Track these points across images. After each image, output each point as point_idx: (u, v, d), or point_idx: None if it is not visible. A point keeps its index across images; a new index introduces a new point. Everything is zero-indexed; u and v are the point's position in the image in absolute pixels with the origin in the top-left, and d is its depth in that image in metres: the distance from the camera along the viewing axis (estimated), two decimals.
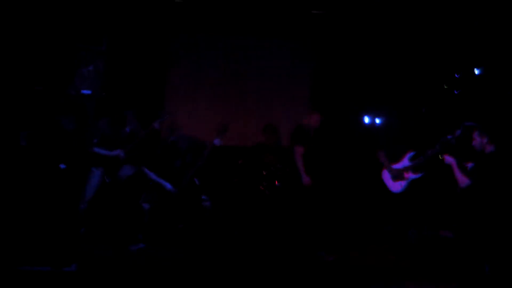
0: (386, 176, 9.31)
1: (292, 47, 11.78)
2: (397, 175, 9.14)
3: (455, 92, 10.60)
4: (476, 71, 10.30)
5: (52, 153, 8.99)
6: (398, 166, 9.17)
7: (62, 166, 8.86)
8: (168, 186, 8.96)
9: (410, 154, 9.07)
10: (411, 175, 9.01)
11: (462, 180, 7.69)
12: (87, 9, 10.45)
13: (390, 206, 9.38)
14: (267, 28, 11.33)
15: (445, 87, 10.65)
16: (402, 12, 10.56)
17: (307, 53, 11.84)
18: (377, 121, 11.36)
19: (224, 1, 10.68)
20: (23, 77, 9.90)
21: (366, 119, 11.49)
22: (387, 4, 10.34)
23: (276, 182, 10.08)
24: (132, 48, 10.98)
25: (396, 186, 9.15)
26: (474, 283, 7.40)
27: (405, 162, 9.10)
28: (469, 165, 7.74)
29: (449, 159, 7.85)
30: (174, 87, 11.34)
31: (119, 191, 9.15)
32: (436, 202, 9.38)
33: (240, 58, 11.63)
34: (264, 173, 10.07)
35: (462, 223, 7.93)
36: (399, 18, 10.74)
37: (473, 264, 7.55)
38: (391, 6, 10.40)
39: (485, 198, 7.51)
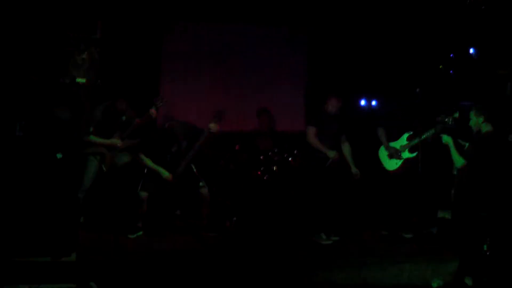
0: (382, 153, 9.35)
1: (288, 32, 11.75)
2: (393, 153, 9.18)
3: (451, 72, 10.59)
4: (471, 51, 10.28)
5: (48, 142, 8.96)
6: (394, 144, 9.23)
7: (58, 155, 8.84)
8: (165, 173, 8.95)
9: (407, 134, 9.10)
10: (407, 154, 9.06)
11: (459, 160, 7.70)
12: None
13: (387, 188, 9.42)
14: (261, 14, 11.28)
15: (440, 67, 10.64)
16: None
17: (302, 38, 11.82)
18: (373, 103, 11.38)
19: None
20: (16, 67, 9.87)
21: (362, 102, 11.50)
22: None
23: (274, 167, 10.08)
24: (126, 36, 10.92)
25: (392, 164, 9.19)
26: (473, 262, 7.41)
27: (402, 141, 9.15)
28: (466, 144, 7.77)
29: (446, 138, 7.87)
30: (169, 74, 11.30)
31: (116, 179, 9.16)
32: (432, 182, 9.37)
33: (235, 45, 11.60)
34: (262, 158, 10.07)
35: (459, 203, 7.94)
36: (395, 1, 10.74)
37: (471, 244, 7.56)
38: None
39: (483, 177, 7.52)
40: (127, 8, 10.83)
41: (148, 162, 8.96)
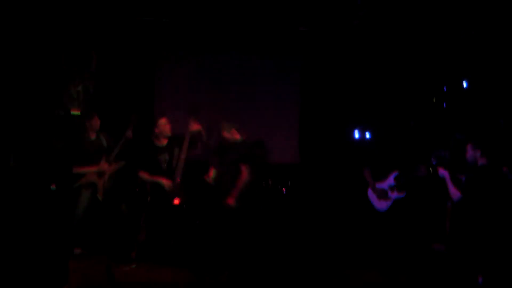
0: (371, 194, 9.31)
1: (281, 63, 11.78)
2: (382, 195, 9.14)
3: (444, 106, 10.64)
4: (465, 84, 10.34)
5: (41, 173, 8.94)
6: (383, 185, 9.18)
7: (52, 187, 8.82)
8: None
9: (395, 174, 9.07)
10: (395, 195, 9.02)
11: (455, 193, 7.68)
12: (76, 30, 10.47)
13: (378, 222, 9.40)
14: (254, 45, 11.36)
15: (434, 100, 10.69)
16: (389, 26, 10.62)
17: (295, 70, 11.85)
18: (367, 135, 11.40)
19: (211, 20, 10.74)
20: (12, 99, 9.88)
21: (357, 134, 11.52)
22: (372, 20, 10.40)
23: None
24: (120, 68, 10.97)
25: (382, 205, 9.15)
26: None
27: (390, 181, 9.11)
28: (462, 178, 7.75)
29: (442, 172, 7.85)
30: (162, 105, 11.32)
31: (112, 207, 9.14)
32: (427, 216, 9.36)
33: (228, 76, 11.63)
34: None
35: (454, 236, 7.94)
36: (386, 32, 10.80)
37: (466, 277, 7.55)
38: (377, 21, 10.47)
39: (478, 211, 7.51)
40: (121, 42, 10.89)
41: (146, 177, 8.91)
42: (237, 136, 9.03)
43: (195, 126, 9.08)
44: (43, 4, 9.98)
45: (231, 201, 8.43)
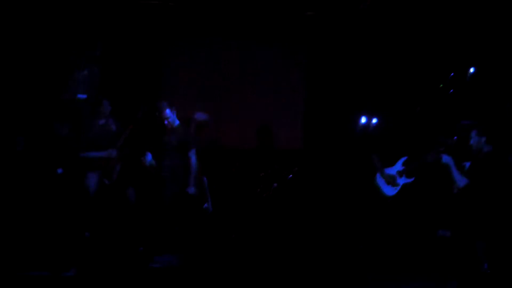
0: (379, 179, 9.30)
1: (287, 49, 11.73)
2: (390, 180, 9.13)
3: (450, 91, 10.60)
4: (471, 70, 10.29)
5: (48, 158, 8.97)
6: (391, 170, 9.17)
7: (59, 171, 8.85)
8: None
9: (403, 159, 9.06)
10: (404, 180, 9.01)
11: (460, 179, 7.66)
12: (81, 14, 10.46)
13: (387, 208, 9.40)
14: (261, 30, 11.32)
15: (440, 86, 10.64)
16: (396, 11, 10.58)
17: (301, 55, 11.80)
18: (374, 121, 11.35)
19: (218, 5, 10.72)
20: (17, 83, 9.90)
21: (363, 119, 11.47)
22: (379, 4, 10.37)
23: (274, 184, 10.08)
24: (127, 52, 10.96)
25: (390, 189, 9.14)
26: (473, 281, 7.41)
27: (398, 166, 9.10)
28: (466, 164, 7.73)
29: (446, 158, 7.82)
30: (169, 90, 11.31)
31: (119, 191, 9.16)
32: (432, 202, 9.35)
33: (234, 61, 11.60)
34: (261, 175, 10.08)
35: (460, 223, 7.93)
36: (393, 17, 10.76)
37: (471, 263, 7.55)
38: (384, 6, 10.43)
39: (483, 197, 7.50)
40: (127, 25, 10.87)
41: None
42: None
43: (200, 116, 9.07)
44: None
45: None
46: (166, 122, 8.58)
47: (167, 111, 8.68)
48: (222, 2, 10.73)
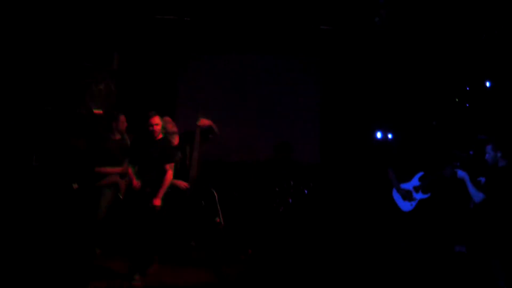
0: (396, 194, 9.25)
1: (302, 63, 11.74)
2: (406, 195, 9.08)
3: (467, 105, 10.56)
4: (487, 84, 10.25)
5: (64, 173, 9.00)
6: (407, 185, 9.12)
7: (74, 185, 8.87)
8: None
9: (419, 174, 9.00)
10: (420, 195, 8.95)
11: (477, 195, 7.58)
12: (98, 29, 10.52)
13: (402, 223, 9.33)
14: (276, 45, 11.35)
15: (457, 100, 10.61)
16: (411, 25, 10.56)
17: (316, 69, 11.80)
18: (390, 136, 11.32)
19: (233, 20, 10.75)
20: (34, 98, 9.95)
21: (379, 134, 11.45)
22: (394, 18, 10.35)
23: (289, 199, 10.07)
24: (142, 67, 11.02)
25: (406, 205, 9.08)
26: None
27: (415, 181, 9.04)
28: (482, 179, 7.67)
29: (461, 173, 7.76)
30: (184, 104, 11.34)
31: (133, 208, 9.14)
32: (449, 217, 9.30)
33: (250, 75, 11.63)
34: (277, 189, 10.06)
35: (476, 238, 7.87)
36: (408, 31, 10.74)
37: (488, 279, 7.49)
38: (399, 20, 10.42)
39: (499, 213, 7.44)
40: (143, 40, 10.93)
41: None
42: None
43: (204, 122, 9.04)
44: (66, 3, 10.05)
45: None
46: (150, 129, 8.44)
47: (155, 119, 8.55)
48: (237, 17, 10.74)
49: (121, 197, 9.12)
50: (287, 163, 10.62)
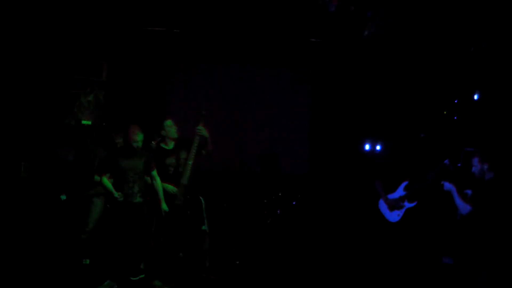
0: (382, 206, 9.27)
1: (291, 74, 11.78)
2: (393, 205, 9.09)
3: (455, 118, 10.60)
4: (475, 96, 10.30)
5: (52, 183, 8.99)
6: (393, 195, 9.14)
7: (62, 197, 8.86)
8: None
9: (404, 184, 9.02)
10: (406, 204, 8.96)
11: (464, 207, 7.60)
12: (87, 39, 10.52)
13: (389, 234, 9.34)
14: (265, 57, 11.38)
15: (444, 113, 10.65)
16: (400, 38, 10.61)
17: (305, 80, 11.83)
18: (378, 147, 11.35)
19: (222, 31, 10.78)
20: (22, 107, 9.94)
21: (367, 146, 11.48)
22: (383, 32, 10.40)
23: (278, 211, 10.08)
24: (131, 78, 11.02)
25: (393, 216, 9.09)
26: None
27: (400, 191, 9.06)
28: (468, 191, 7.68)
29: (448, 185, 7.77)
30: (174, 115, 11.33)
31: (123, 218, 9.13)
32: (436, 229, 9.32)
33: (239, 86, 11.66)
34: (265, 201, 10.07)
35: (463, 250, 7.89)
36: (397, 44, 10.78)
37: None
38: (388, 33, 10.46)
39: (486, 225, 7.46)
40: (132, 51, 10.94)
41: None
42: None
43: (203, 131, 9.02)
44: (54, 13, 10.05)
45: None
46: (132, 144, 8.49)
47: (135, 131, 8.57)
48: (226, 28, 10.77)
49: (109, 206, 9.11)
50: (275, 174, 10.63)
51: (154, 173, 8.34)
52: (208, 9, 10.39)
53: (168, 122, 9.07)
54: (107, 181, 8.19)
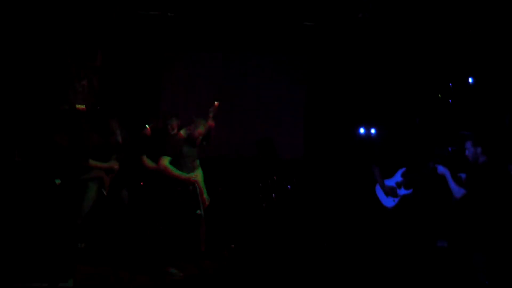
0: (379, 190, 9.27)
1: (286, 60, 11.77)
2: (389, 191, 9.09)
3: (449, 102, 10.60)
4: (470, 80, 10.30)
5: (47, 168, 8.97)
6: (390, 181, 9.13)
7: (57, 181, 8.84)
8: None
9: (402, 170, 9.01)
10: (403, 191, 8.96)
11: (458, 190, 7.60)
12: (81, 24, 10.48)
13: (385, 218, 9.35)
14: (260, 42, 11.36)
15: (439, 96, 10.65)
16: (395, 22, 10.60)
17: (300, 66, 11.83)
18: (373, 131, 11.34)
19: (216, 16, 10.75)
20: (17, 92, 9.91)
21: (362, 130, 11.47)
22: (378, 15, 10.38)
23: (273, 195, 10.09)
24: (126, 63, 10.99)
25: (389, 201, 9.10)
26: None
27: (397, 177, 9.05)
28: (462, 175, 7.69)
29: (441, 169, 7.77)
30: (168, 101, 11.34)
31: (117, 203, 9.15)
32: (431, 213, 9.33)
33: (235, 73, 11.66)
34: (260, 185, 10.08)
35: (457, 233, 7.91)
36: (392, 28, 10.77)
37: (469, 274, 7.52)
38: (383, 17, 10.45)
39: (480, 208, 7.47)
40: (127, 36, 10.91)
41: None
42: None
43: (211, 124, 9.04)
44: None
45: None
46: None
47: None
48: (220, 13, 10.74)
49: (105, 193, 9.11)
50: (271, 159, 10.63)
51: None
52: None
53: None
54: (171, 166, 8.32)
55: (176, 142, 8.76)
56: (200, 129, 8.68)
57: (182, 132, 8.86)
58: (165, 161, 8.51)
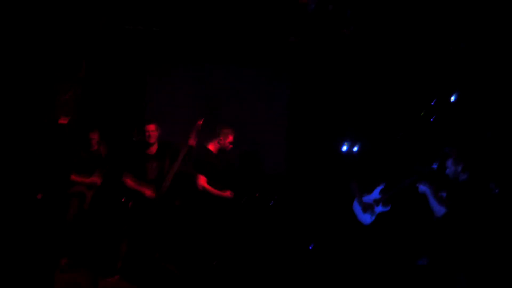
0: (356, 207, 9.28)
1: (269, 74, 11.78)
2: (367, 207, 9.10)
3: (432, 119, 10.62)
4: (452, 98, 10.32)
5: (29, 182, 8.94)
6: (368, 198, 9.14)
7: (38, 195, 8.81)
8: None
9: (380, 187, 9.02)
10: (380, 208, 8.96)
11: (438, 209, 7.61)
12: (66, 36, 10.46)
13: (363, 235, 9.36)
14: (243, 56, 11.38)
15: (422, 114, 10.67)
16: (379, 39, 10.63)
17: (284, 80, 11.84)
18: (355, 148, 11.34)
19: (200, 30, 10.77)
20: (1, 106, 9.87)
21: (345, 147, 11.47)
22: (362, 32, 10.42)
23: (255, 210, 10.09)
24: (111, 76, 10.98)
25: (366, 218, 9.10)
26: None
27: (375, 194, 9.06)
28: (443, 194, 7.70)
29: (422, 188, 7.78)
30: (153, 113, 11.32)
31: (97, 218, 9.13)
32: (412, 231, 9.34)
33: (218, 86, 11.64)
34: (242, 201, 10.07)
35: (438, 252, 7.92)
36: (375, 45, 10.81)
37: None
38: (367, 34, 10.49)
39: (461, 227, 7.49)
40: (112, 49, 10.90)
41: (130, 184, 8.81)
42: None
43: (193, 142, 9.05)
44: (33, 9, 9.98)
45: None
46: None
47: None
48: (204, 28, 10.75)
49: (85, 207, 9.10)
50: (253, 174, 10.63)
51: None
52: (186, 9, 10.38)
53: (151, 127, 9.08)
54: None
55: (212, 159, 8.79)
56: (231, 137, 8.75)
57: (211, 146, 8.91)
58: (204, 181, 8.56)
